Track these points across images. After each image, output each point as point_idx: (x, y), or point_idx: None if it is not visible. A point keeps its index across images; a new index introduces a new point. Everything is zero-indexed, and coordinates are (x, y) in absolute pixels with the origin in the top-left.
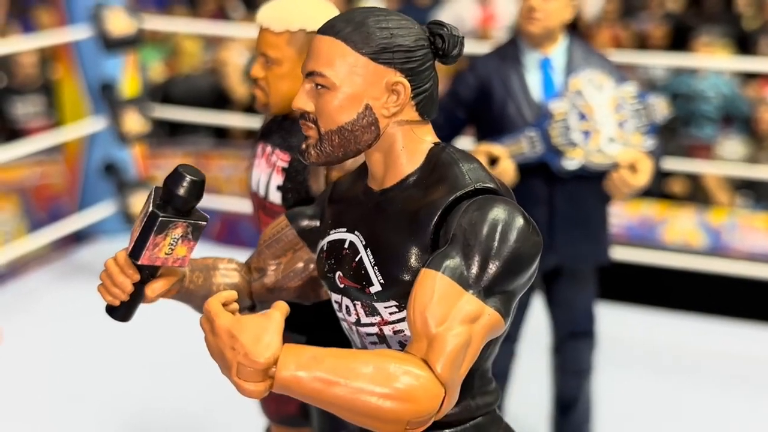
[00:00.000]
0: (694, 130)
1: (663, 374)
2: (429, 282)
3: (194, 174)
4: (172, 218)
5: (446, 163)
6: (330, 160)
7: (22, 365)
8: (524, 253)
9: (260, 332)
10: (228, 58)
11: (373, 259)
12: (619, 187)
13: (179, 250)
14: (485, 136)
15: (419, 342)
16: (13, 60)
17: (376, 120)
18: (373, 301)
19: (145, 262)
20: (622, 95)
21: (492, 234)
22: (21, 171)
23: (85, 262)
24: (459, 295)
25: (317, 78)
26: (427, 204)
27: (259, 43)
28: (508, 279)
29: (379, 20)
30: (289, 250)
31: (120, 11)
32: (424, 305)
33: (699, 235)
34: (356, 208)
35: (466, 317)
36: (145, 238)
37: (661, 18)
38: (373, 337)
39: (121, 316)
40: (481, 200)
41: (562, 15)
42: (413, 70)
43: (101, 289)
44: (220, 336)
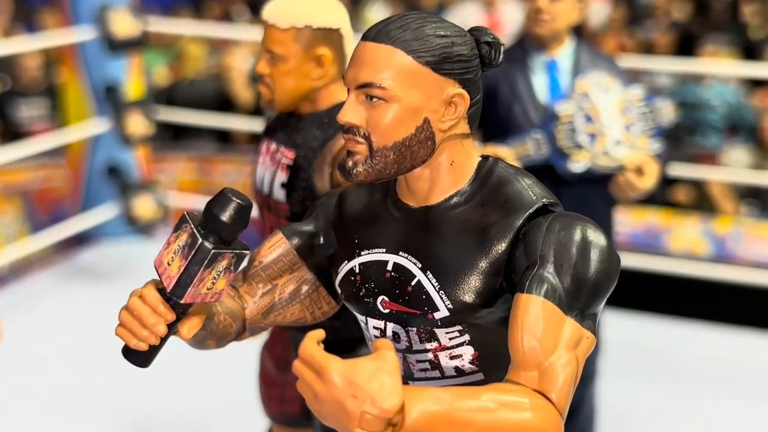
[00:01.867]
0: (700, 139)
1: (666, 381)
2: (534, 308)
3: (242, 198)
4: (222, 250)
5: (505, 179)
6: (380, 177)
7: (24, 367)
8: (611, 272)
9: (381, 376)
10: (232, 62)
11: (437, 283)
12: (625, 190)
13: (220, 283)
14: (491, 137)
15: (528, 371)
16: (17, 63)
17: (433, 134)
18: (435, 327)
19: (188, 300)
20: (628, 98)
21: (583, 255)
22: (24, 174)
23: (88, 265)
24: (562, 321)
25: (374, 90)
26: (495, 222)
27: (264, 40)
28: (598, 299)
29: (437, 27)
30: (287, 271)
31: (125, 13)
32: (532, 334)
33: (704, 243)
34: (391, 226)
35: (570, 343)
36: (193, 273)
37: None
38: (424, 364)
39: (143, 361)
40: (562, 219)
41: (569, 17)
42: (470, 81)
43: (123, 333)
44: (336, 384)
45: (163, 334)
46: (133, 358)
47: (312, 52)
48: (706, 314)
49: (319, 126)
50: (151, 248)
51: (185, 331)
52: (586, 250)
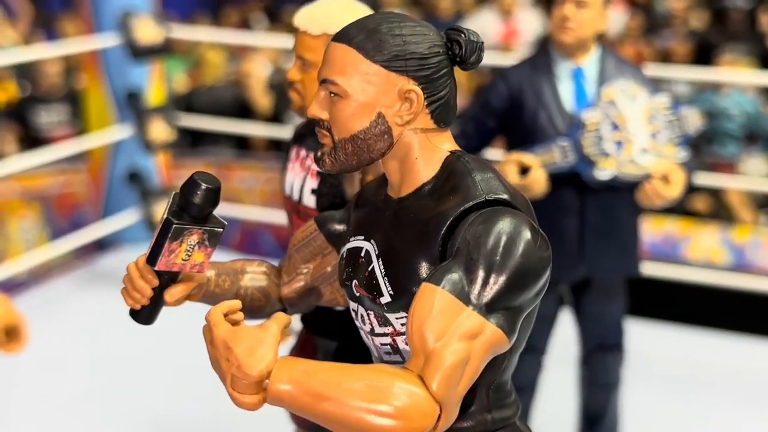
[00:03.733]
0: (717, 148)
1: (686, 390)
2: (428, 296)
3: (209, 181)
4: (187, 225)
5: (459, 172)
6: (344, 168)
7: (44, 371)
8: (529, 268)
9: (255, 344)
10: (251, 70)
11: (383, 270)
12: (651, 198)
13: (196, 256)
14: (516, 146)
15: (416, 358)
16: (37, 69)
17: (389, 128)
18: (385, 312)
19: (161, 268)
20: (655, 106)
21: (495, 248)
22: (43, 179)
23: (109, 270)
24: (459, 311)
25: (330, 86)
26: (437, 215)
27: (296, 46)
28: (512, 295)
29: (393, 27)
30: (318, 255)
31: (148, 19)
32: (422, 320)
33: (722, 252)
34: (375, 215)
35: (465, 333)
36: (161, 244)
37: (685, 36)
38: (387, 347)
39: (144, 320)
40: (488, 212)
41: (595, 25)
42: (427, 77)
43: (123, 293)
44: (217, 346)
45: (148, 296)
46: (134, 316)
47: None
48: (725, 323)
49: None
50: None
51: (167, 296)
52: (502, 243)
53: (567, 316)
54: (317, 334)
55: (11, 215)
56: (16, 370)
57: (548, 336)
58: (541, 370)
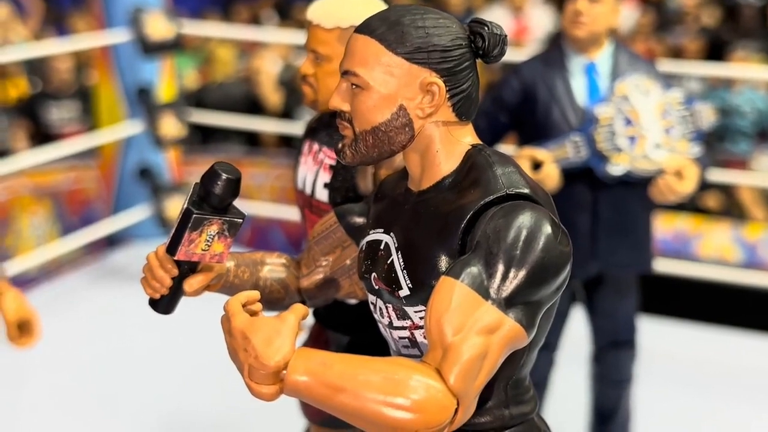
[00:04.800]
0: (729, 145)
1: (698, 388)
2: (447, 290)
3: (230, 171)
4: (207, 215)
5: (480, 166)
6: (365, 160)
7: (55, 367)
8: (549, 263)
9: (273, 335)
10: (261, 66)
11: (403, 263)
12: (664, 193)
13: (216, 246)
14: (529, 141)
15: (434, 351)
16: (48, 65)
17: (411, 121)
18: (403, 305)
19: (181, 257)
20: (668, 101)
21: (515, 242)
22: (54, 175)
23: (120, 266)
24: (478, 305)
25: (352, 77)
26: (458, 208)
27: (309, 40)
28: (531, 289)
29: (415, 19)
30: (338, 247)
31: (159, 15)
32: (440, 313)
33: (734, 250)
34: (395, 208)
35: (483, 328)
36: (180, 234)
37: (697, 32)
38: (405, 341)
39: (163, 309)
40: (508, 206)
41: (608, 19)
42: (450, 70)
43: (143, 282)
44: (235, 336)
45: (168, 285)
46: (153, 305)
47: None
48: (736, 320)
49: None
50: None
51: (186, 285)
52: (522, 238)
53: (578, 312)
54: (330, 328)
55: (22, 211)
56: (28, 366)
57: (560, 332)
58: (553, 366)
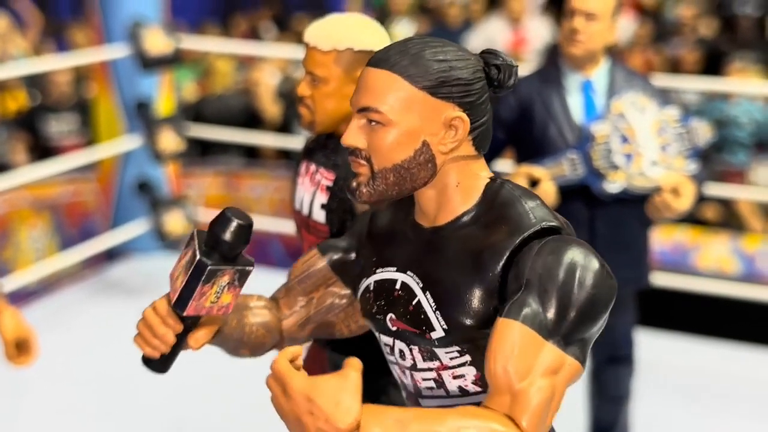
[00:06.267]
0: (727, 156)
1: (696, 401)
2: (509, 333)
3: (242, 218)
4: (221, 266)
5: (507, 200)
6: (383, 198)
7: (54, 381)
8: (601, 298)
9: (339, 395)
10: (260, 78)
11: (433, 303)
12: (661, 210)
13: (225, 297)
14: (525, 158)
15: (501, 396)
16: (47, 78)
17: (433, 157)
18: (434, 347)
19: (191, 313)
20: (664, 118)
21: (569, 280)
22: (53, 188)
23: (118, 280)
24: (540, 346)
25: (372, 114)
26: (491, 245)
27: (306, 62)
28: (585, 326)
29: (436, 52)
30: (322, 285)
31: (157, 30)
32: (506, 358)
33: (733, 261)
34: (405, 245)
35: (548, 369)
36: (192, 288)
37: (694, 43)
38: (429, 382)
39: (160, 368)
40: (553, 243)
41: (605, 37)
42: (472, 104)
43: (139, 341)
44: (295, 400)
45: (172, 343)
46: (149, 365)
47: (353, 75)
48: (735, 333)
49: None
50: None
51: (192, 341)
52: (574, 274)
53: None
54: (328, 348)
55: (21, 224)
56: (26, 380)
57: None
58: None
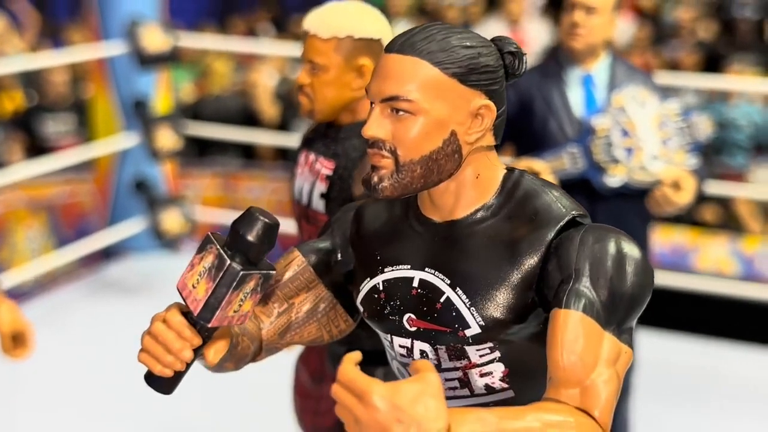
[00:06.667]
0: (726, 158)
1: (694, 400)
2: (572, 324)
3: (268, 217)
4: (252, 271)
5: (531, 191)
6: (407, 192)
7: (50, 380)
8: (646, 285)
9: (426, 399)
10: (258, 79)
11: (467, 300)
12: (661, 204)
13: (246, 305)
14: (525, 152)
15: (569, 388)
16: (44, 78)
17: (460, 147)
18: (466, 344)
19: (216, 324)
20: (665, 112)
21: (619, 269)
22: (50, 189)
23: (115, 279)
24: (601, 336)
25: (400, 103)
26: (524, 236)
27: (305, 50)
28: (634, 313)
29: (463, 38)
30: (303, 290)
31: (155, 28)
32: (572, 350)
33: (732, 263)
34: (414, 242)
35: (610, 359)
36: (221, 296)
37: (693, 46)
38: (453, 382)
39: (167, 388)
40: (595, 232)
41: (605, 31)
42: (496, 92)
43: (146, 359)
44: (379, 408)
45: (189, 359)
46: (156, 385)
47: (353, 63)
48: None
49: (359, 136)
50: (177, 263)
51: (212, 355)
52: (622, 263)
53: None
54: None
55: (17, 224)
56: (22, 379)
57: None
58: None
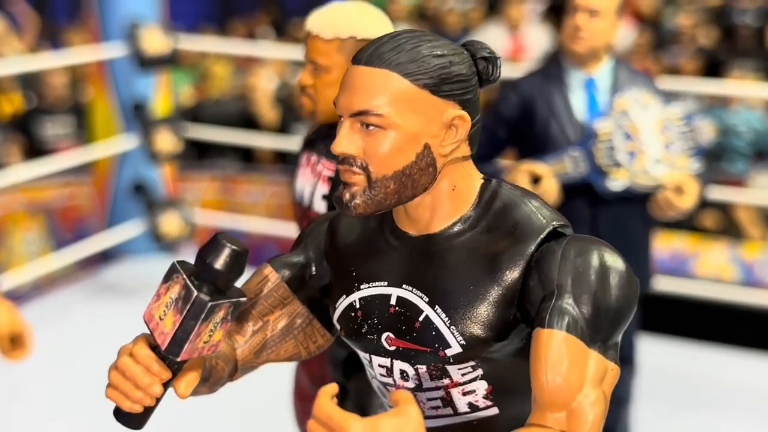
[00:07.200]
0: (726, 164)
1: (694, 406)
2: (555, 344)
3: (235, 243)
4: (220, 301)
5: (510, 202)
6: (381, 208)
7: (48, 383)
8: (631, 299)
9: None
10: (257, 83)
11: (447, 318)
12: (664, 209)
13: (217, 334)
14: (527, 156)
15: (555, 412)
16: (43, 81)
17: (434, 160)
18: (447, 364)
19: (185, 357)
20: (668, 116)
21: (602, 283)
22: (48, 191)
23: (113, 282)
24: (586, 356)
25: (370, 117)
26: (504, 250)
27: (308, 51)
28: (620, 328)
29: (433, 47)
30: (278, 306)
31: (156, 30)
32: (557, 372)
33: (731, 269)
34: (390, 257)
35: (596, 378)
36: (189, 329)
37: (693, 52)
38: (436, 402)
39: (137, 423)
40: (576, 244)
41: (607, 35)
42: (470, 101)
43: (114, 395)
44: None
45: (159, 395)
46: (125, 420)
47: None
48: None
49: None
50: None
51: (182, 388)
52: (605, 276)
53: None
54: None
55: (15, 227)
56: (20, 381)
57: None
58: None
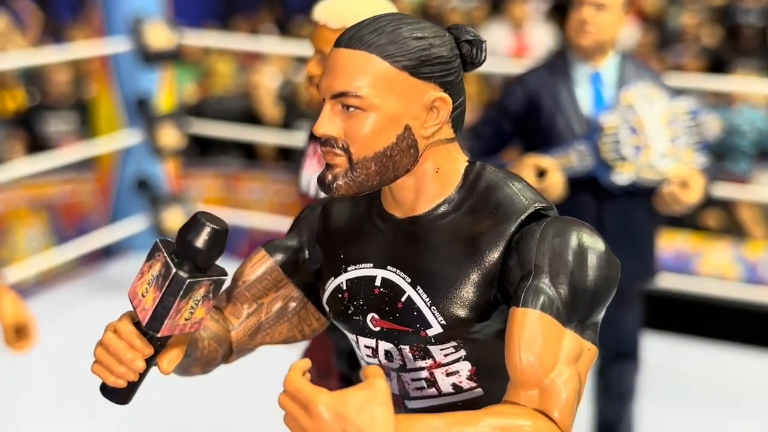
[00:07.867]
0: (729, 164)
1: (697, 403)
2: (529, 323)
3: (216, 222)
4: (199, 278)
5: (493, 184)
6: (363, 189)
7: (51, 378)
8: (610, 279)
9: (372, 408)
10: (260, 81)
11: (428, 299)
12: (669, 203)
13: (198, 312)
14: (533, 150)
15: (528, 390)
16: (46, 77)
17: (416, 142)
18: (429, 344)
19: (166, 332)
20: (674, 110)
21: (580, 263)
22: (51, 188)
23: (116, 277)
24: (561, 335)
25: (350, 99)
26: (485, 231)
27: (315, 40)
28: (598, 308)
29: (414, 29)
30: (272, 289)
31: (160, 25)
32: (530, 350)
33: (735, 268)
34: (377, 239)
35: (570, 357)
36: (168, 305)
37: (697, 51)
38: (420, 382)
39: (122, 399)
40: (556, 225)
41: (614, 29)
42: (452, 83)
43: (99, 370)
44: (324, 419)
45: (141, 370)
46: (111, 396)
47: None
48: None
49: None
50: None
51: (165, 364)
52: (583, 256)
53: None
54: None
55: (18, 223)
56: (24, 376)
57: None
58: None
